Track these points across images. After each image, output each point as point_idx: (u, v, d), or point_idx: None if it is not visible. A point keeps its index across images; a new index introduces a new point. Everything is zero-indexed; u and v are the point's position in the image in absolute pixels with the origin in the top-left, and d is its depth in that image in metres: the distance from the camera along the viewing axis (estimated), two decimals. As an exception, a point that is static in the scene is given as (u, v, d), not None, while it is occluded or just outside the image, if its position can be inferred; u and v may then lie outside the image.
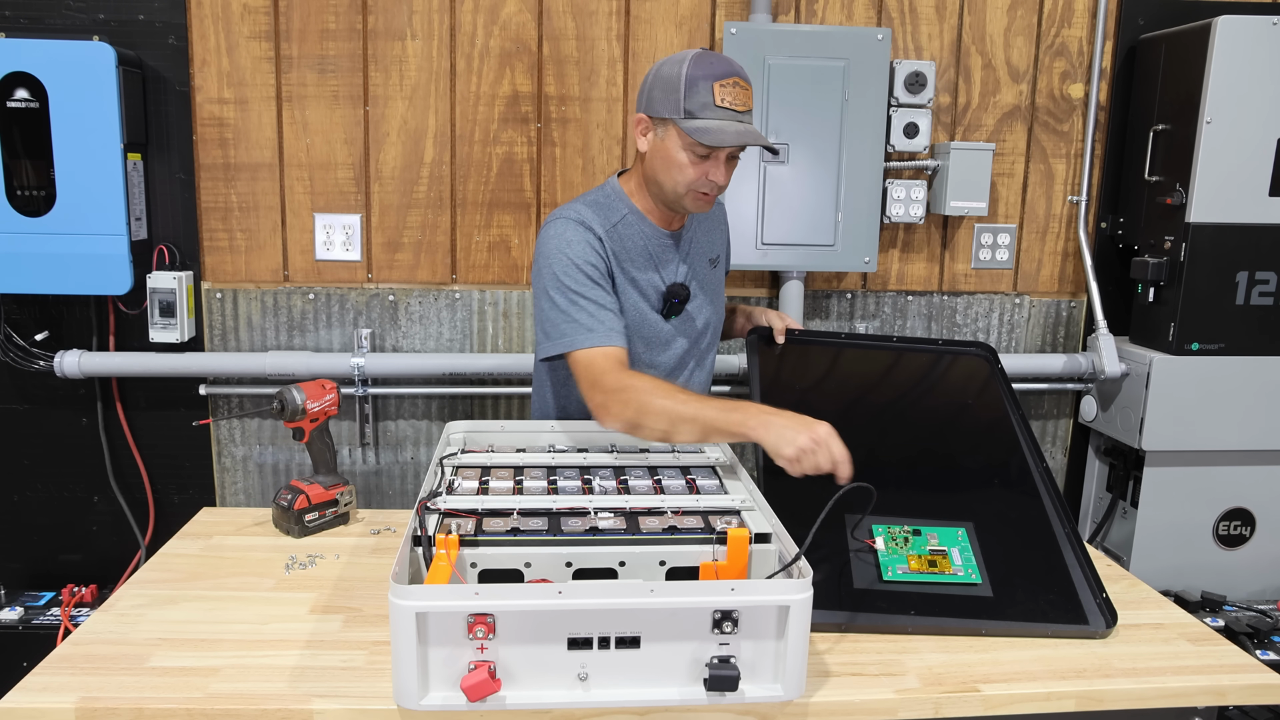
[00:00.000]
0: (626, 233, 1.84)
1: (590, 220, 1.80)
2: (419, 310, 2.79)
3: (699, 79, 1.69)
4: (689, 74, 1.69)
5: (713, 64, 1.70)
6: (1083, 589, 1.54)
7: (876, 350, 2.08)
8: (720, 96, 1.68)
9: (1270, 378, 2.69)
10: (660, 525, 1.39)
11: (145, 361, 2.66)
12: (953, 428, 1.86)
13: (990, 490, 1.74)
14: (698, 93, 1.68)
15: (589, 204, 1.84)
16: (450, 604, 1.15)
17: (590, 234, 1.78)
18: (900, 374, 1.99)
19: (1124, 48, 2.84)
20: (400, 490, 2.88)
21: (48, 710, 1.22)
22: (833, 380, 1.95)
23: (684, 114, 1.69)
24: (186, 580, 1.60)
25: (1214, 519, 2.80)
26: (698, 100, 1.68)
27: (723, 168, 1.74)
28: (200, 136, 2.66)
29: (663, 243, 1.87)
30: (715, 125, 1.68)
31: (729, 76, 1.70)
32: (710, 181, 1.74)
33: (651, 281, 1.86)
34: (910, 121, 2.70)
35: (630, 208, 1.85)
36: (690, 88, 1.69)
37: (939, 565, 1.54)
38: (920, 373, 1.98)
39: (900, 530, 1.60)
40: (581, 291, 1.74)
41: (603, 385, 1.67)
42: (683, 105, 1.69)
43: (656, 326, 1.88)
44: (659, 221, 1.87)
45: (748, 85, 1.72)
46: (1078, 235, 2.90)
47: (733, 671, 1.19)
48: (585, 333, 1.72)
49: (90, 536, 2.83)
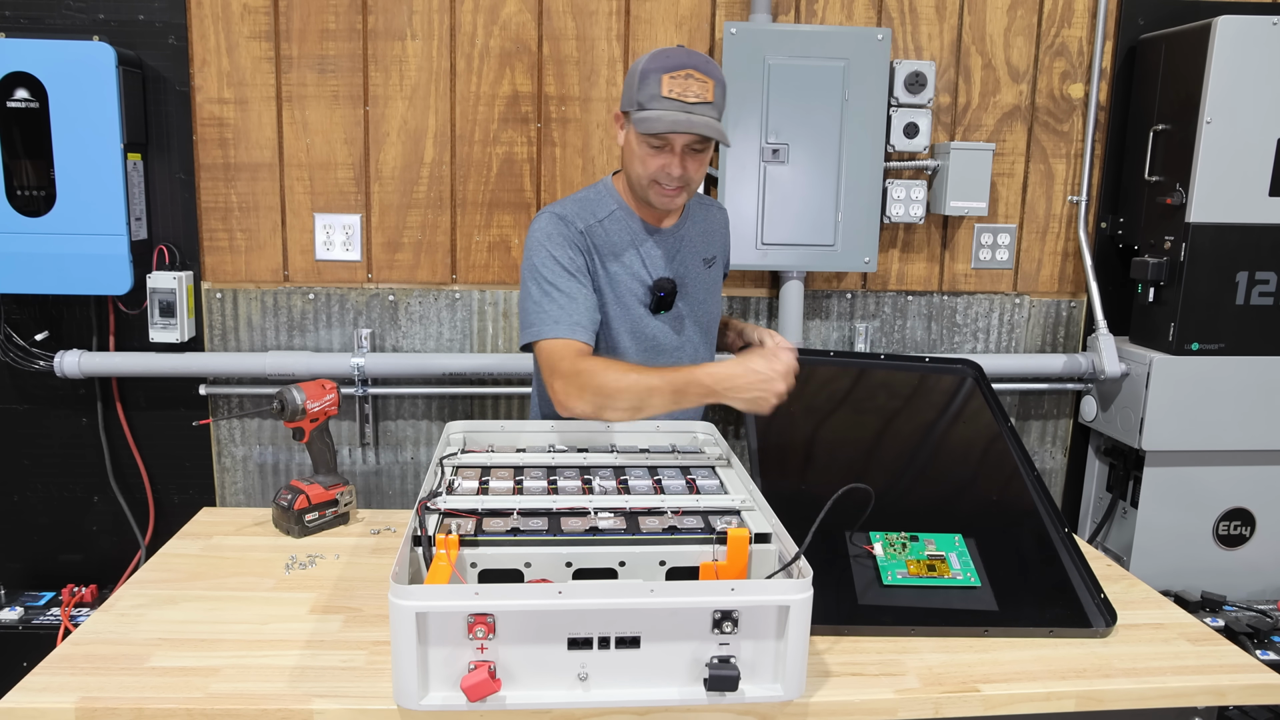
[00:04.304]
0: (613, 228, 1.86)
1: (572, 215, 1.84)
2: (419, 310, 2.79)
3: (651, 72, 1.72)
4: (644, 68, 1.73)
5: (668, 57, 1.73)
6: (1081, 590, 1.55)
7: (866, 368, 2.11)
8: (668, 88, 1.70)
9: (1270, 378, 2.69)
10: (660, 525, 1.39)
11: (145, 361, 2.66)
12: (944, 441, 1.87)
13: (983, 499, 1.74)
14: (648, 85, 1.71)
15: (577, 200, 1.89)
16: (450, 604, 1.15)
17: (570, 228, 1.82)
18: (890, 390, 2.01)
19: (1124, 48, 2.84)
20: (400, 490, 2.88)
21: (48, 710, 1.22)
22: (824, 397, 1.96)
23: (636, 106, 1.73)
24: (186, 580, 1.60)
25: (1214, 519, 2.80)
26: (647, 92, 1.71)
27: (679, 160, 1.75)
28: (200, 136, 2.66)
29: (651, 239, 1.88)
30: (655, 114, 1.70)
31: (682, 69, 1.71)
32: (667, 174, 1.76)
33: (638, 276, 1.87)
34: (910, 121, 2.70)
35: (619, 204, 1.88)
36: (643, 81, 1.73)
37: (938, 570, 1.54)
38: (910, 389, 2.00)
39: (898, 537, 1.60)
40: (555, 284, 1.78)
41: (560, 371, 1.71)
42: (635, 98, 1.73)
43: (643, 322, 1.88)
44: (647, 218, 1.89)
45: (706, 78, 1.72)
46: (1078, 235, 2.90)
47: (733, 671, 1.19)
48: (551, 324, 1.75)
49: (90, 536, 2.83)
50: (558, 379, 1.71)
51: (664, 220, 1.90)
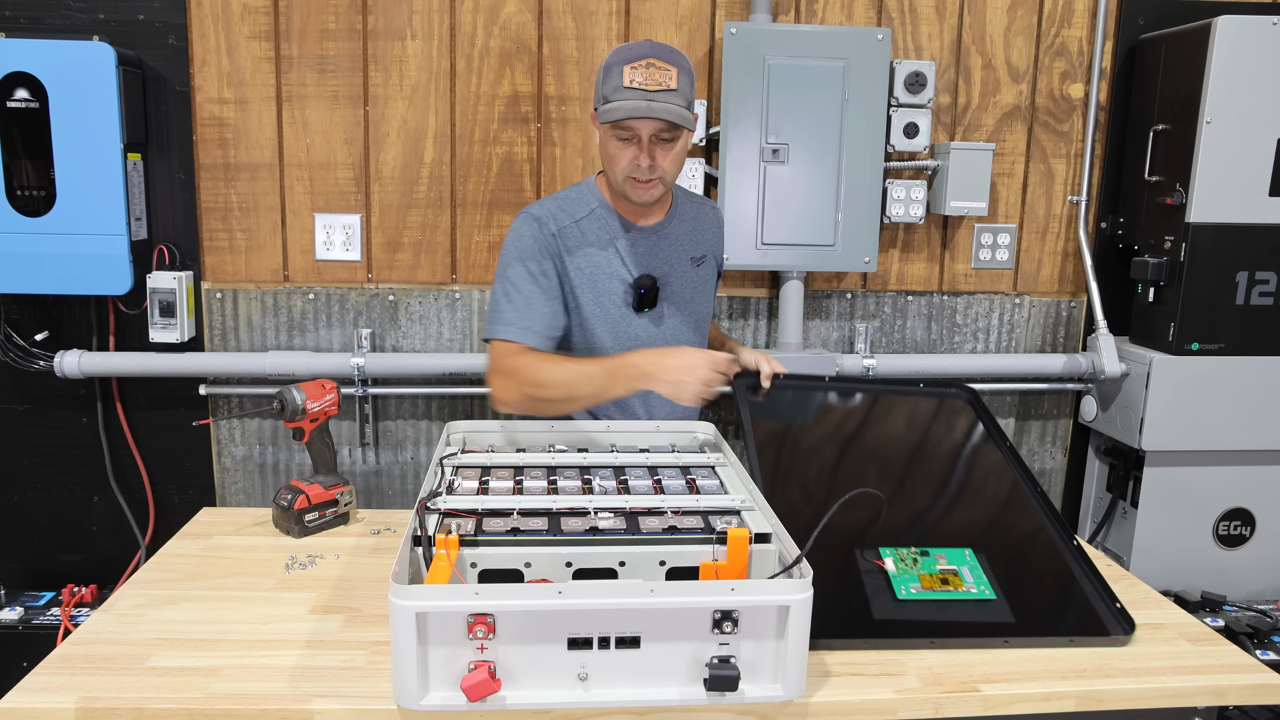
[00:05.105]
0: (591, 226, 1.87)
1: (547, 215, 1.85)
2: (419, 310, 2.79)
3: (614, 65, 1.72)
4: (608, 62, 1.74)
5: (631, 49, 1.73)
6: (1096, 601, 1.52)
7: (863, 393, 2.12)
8: (629, 78, 1.70)
9: (1270, 378, 2.69)
10: (660, 525, 1.39)
11: (145, 361, 2.66)
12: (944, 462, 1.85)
13: (990, 517, 1.71)
14: (611, 77, 1.72)
15: (558, 199, 1.90)
16: (450, 604, 1.15)
17: (543, 230, 1.84)
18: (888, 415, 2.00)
19: (1124, 48, 2.84)
20: (400, 490, 2.88)
21: (48, 710, 1.22)
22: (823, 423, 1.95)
23: (602, 100, 1.74)
24: (186, 580, 1.60)
25: (1214, 519, 2.80)
26: (611, 85, 1.72)
27: (647, 150, 1.74)
28: (200, 136, 2.66)
29: (630, 236, 1.88)
30: (616, 104, 1.70)
31: (643, 59, 1.71)
32: (638, 166, 1.75)
33: (617, 274, 1.87)
34: (910, 121, 2.70)
35: (600, 202, 1.89)
36: (606, 74, 1.73)
37: (951, 583, 1.51)
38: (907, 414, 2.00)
39: (908, 552, 1.57)
40: (517, 286, 1.82)
41: (498, 369, 1.80)
42: (601, 92, 1.74)
43: (624, 321, 1.88)
44: (629, 215, 1.89)
45: (668, 66, 1.71)
46: (1078, 235, 2.90)
47: (733, 671, 1.19)
48: (503, 325, 1.81)
49: (90, 536, 2.83)
50: (495, 376, 1.80)
51: (646, 217, 1.90)
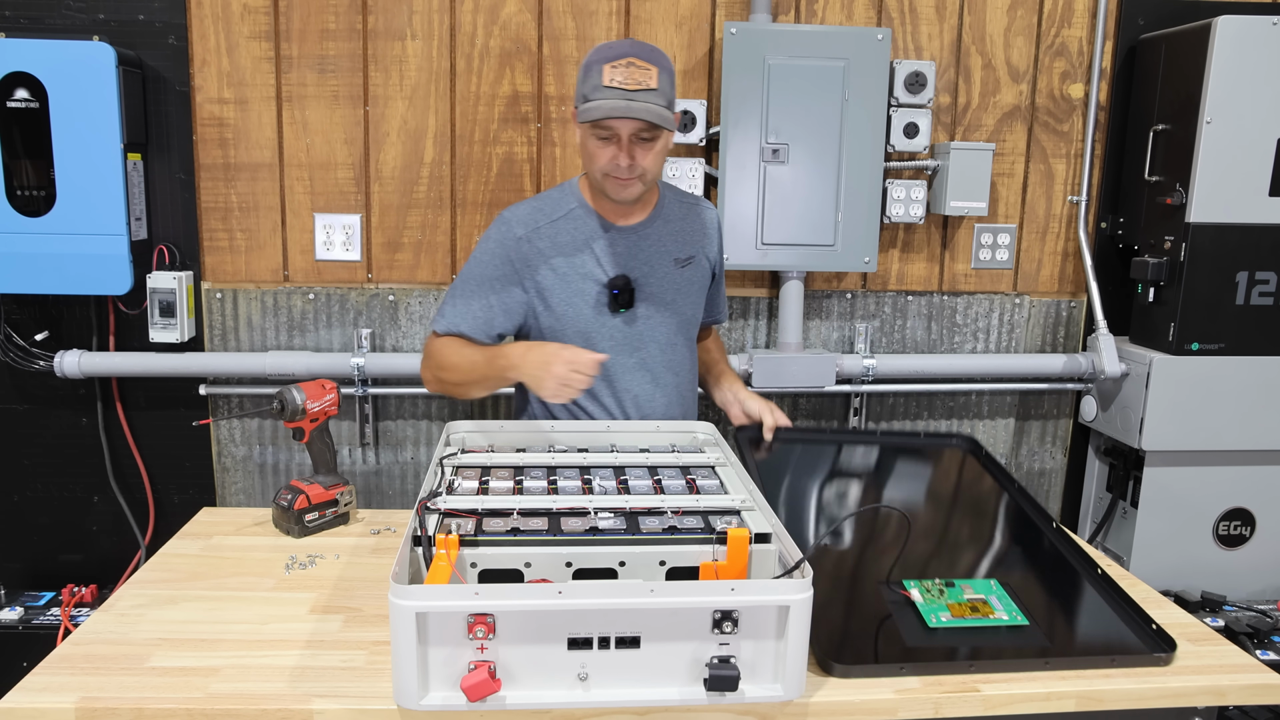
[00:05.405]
0: (567, 227, 1.87)
1: (520, 218, 1.88)
2: (419, 310, 2.79)
3: (593, 64, 1.72)
4: (588, 60, 1.74)
5: (610, 48, 1.73)
6: (1130, 623, 1.49)
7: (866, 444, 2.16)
8: (609, 77, 1.69)
9: (1270, 378, 2.69)
10: (660, 525, 1.39)
11: (145, 361, 2.66)
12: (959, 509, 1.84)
13: (1010, 554, 1.70)
14: (591, 76, 1.71)
15: (536, 200, 1.93)
16: (450, 604, 1.15)
17: (511, 233, 1.87)
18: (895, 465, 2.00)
19: (1124, 48, 2.84)
20: (400, 490, 2.88)
21: (48, 710, 1.22)
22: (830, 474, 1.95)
23: (581, 99, 1.74)
24: (186, 580, 1.60)
25: (1214, 519, 2.80)
26: (590, 83, 1.71)
27: (626, 150, 1.74)
28: (200, 136, 2.66)
29: (611, 236, 1.88)
30: (595, 103, 1.70)
31: (623, 58, 1.70)
32: (616, 164, 1.75)
33: (592, 275, 1.87)
34: (910, 121, 2.70)
35: (580, 202, 1.89)
36: (586, 73, 1.73)
37: (981, 611, 1.48)
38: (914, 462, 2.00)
39: (934, 584, 1.54)
40: (468, 284, 1.88)
41: (424, 353, 1.93)
42: (581, 91, 1.74)
43: (595, 322, 1.87)
44: (609, 215, 1.89)
45: (648, 65, 1.70)
46: (1078, 235, 2.90)
47: (733, 671, 1.19)
48: (439, 318, 1.90)
49: (90, 536, 2.83)
50: (422, 364, 1.93)
51: (627, 217, 1.89)
